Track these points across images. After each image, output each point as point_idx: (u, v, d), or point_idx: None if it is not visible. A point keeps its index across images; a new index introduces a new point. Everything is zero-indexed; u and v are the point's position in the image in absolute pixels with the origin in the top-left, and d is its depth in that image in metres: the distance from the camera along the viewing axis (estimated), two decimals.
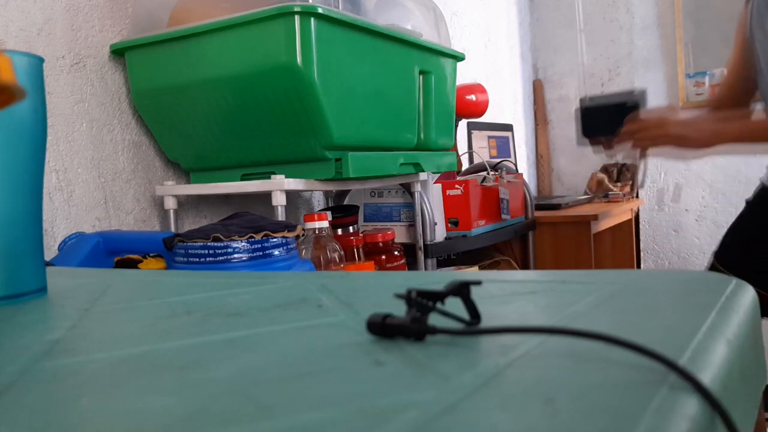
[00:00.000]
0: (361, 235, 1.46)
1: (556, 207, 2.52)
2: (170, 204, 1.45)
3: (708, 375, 0.24)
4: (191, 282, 0.51)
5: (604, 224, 2.53)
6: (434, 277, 0.50)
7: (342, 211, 1.54)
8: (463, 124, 2.56)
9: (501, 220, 1.93)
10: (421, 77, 1.50)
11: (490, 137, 2.79)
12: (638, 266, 3.08)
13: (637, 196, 3.13)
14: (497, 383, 0.23)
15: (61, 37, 1.32)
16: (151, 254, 1.24)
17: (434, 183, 1.74)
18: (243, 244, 1.07)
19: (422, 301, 0.29)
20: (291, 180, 1.27)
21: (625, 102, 1.41)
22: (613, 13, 3.25)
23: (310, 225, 1.22)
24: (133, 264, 1.22)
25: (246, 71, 1.25)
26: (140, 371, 0.27)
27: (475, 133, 2.67)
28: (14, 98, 0.29)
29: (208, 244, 1.08)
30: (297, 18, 1.19)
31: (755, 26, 1.35)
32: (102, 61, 1.41)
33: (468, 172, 2.15)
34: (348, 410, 0.21)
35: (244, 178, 1.38)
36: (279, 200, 1.27)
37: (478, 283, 0.30)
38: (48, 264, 0.70)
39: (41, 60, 0.48)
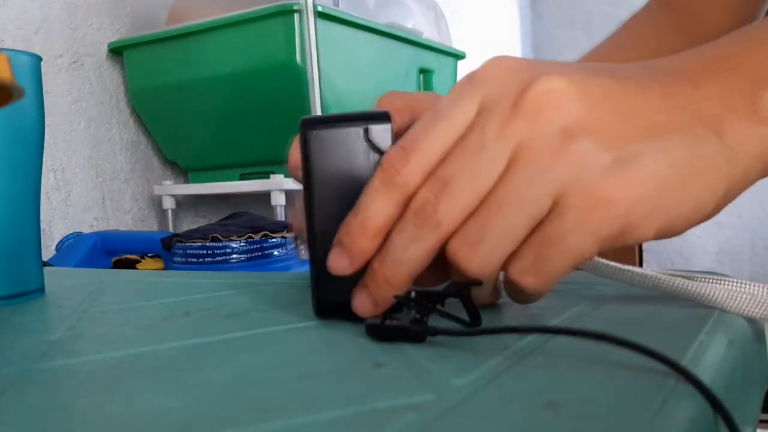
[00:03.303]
0: None
1: None
2: (168, 204, 1.44)
3: (710, 376, 0.24)
4: (189, 282, 0.51)
5: None
6: None
7: None
8: None
9: None
10: (421, 76, 1.50)
11: None
12: (641, 266, 3.08)
13: None
14: (498, 385, 0.23)
15: (59, 36, 1.32)
16: (149, 254, 1.24)
17: None
18: (241, 244, 1.06)
19: (422, 302, 0.29)
20: (290, 179, 1.27)
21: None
22: (615, 12, 3.26)
23: None
24: (131, 264, 1.22)
25: (245, 70, 1.25)
26: (138, 372, 0.27)
27: None
28: (12, 97, 0.29)
29: (207, 244, 1.07)
30: (296, 16, 1.19)
31: None
32: (100, 60, 1.40)
33: None
34: (347, 412, 0.21)
35: (243, 177, 1.37)
36: (278, 200, 1.27)
37: (478, 284, 0.30)
38: (46, 264, 0.70)
39: (39, 59, 0.48)
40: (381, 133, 0.32)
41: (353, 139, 0.32)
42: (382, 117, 0.33)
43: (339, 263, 0.32)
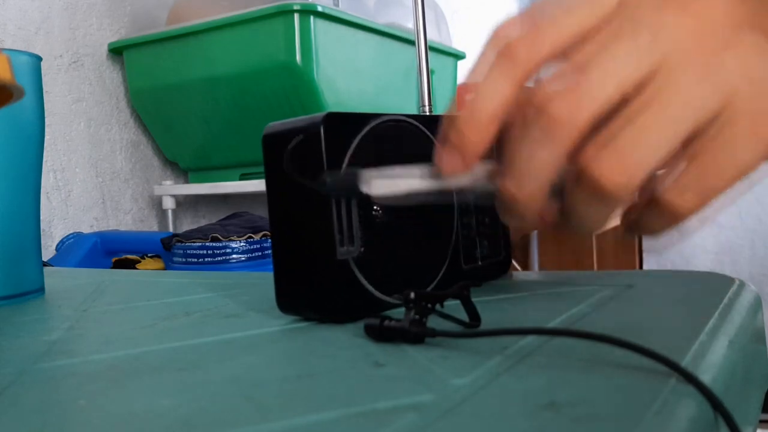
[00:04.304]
0: None
1: None
2: (168, 204, 1.44)
3: (710, 376, 0.24)
4: (189, 282, 0.51)
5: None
6: None
7: None
8: None
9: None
10: None
11: None
12: (641, 267, 3.08)
13: None
14: (498, 386, 0.23)
15: (59, 36, 1.32)
16: (149, 254, 1.24)
17: None
18: (242, 244, 1.06)
19: (421, 303, 0.29)
20: None
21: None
22: None
23: None
24: (131, 264, 1.22)
25: (245, 70, 1.25)
26: (138, 372, 0.27)
27: None
28: (12, 97, 0.29)
29: (207, 244, 1.07)
30: (296, 16, 1.19)
31: None
32: (100, 60, 1.40)
33: None
34: (347, 412, 0.21)
35: (243, 177, 1.37)
36: None
37: (478, 284, 0.30)
38: (46, 264, 0.70)
39: (39, 59, 0.48)
40: (304, 148, 0.32)
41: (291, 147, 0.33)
42: (312, 125, 0.32)
43: (450, 163, 0.26)
